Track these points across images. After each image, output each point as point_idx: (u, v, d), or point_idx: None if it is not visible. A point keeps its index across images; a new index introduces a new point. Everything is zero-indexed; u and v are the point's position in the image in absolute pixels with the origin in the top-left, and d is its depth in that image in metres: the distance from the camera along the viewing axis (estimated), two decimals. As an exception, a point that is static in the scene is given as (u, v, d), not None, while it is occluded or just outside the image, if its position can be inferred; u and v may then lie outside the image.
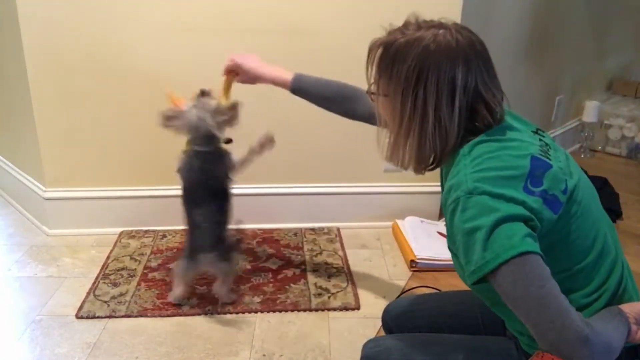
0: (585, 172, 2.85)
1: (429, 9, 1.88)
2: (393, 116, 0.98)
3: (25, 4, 1.82)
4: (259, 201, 2.13)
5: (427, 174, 1.04)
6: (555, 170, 0.90)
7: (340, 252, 2.01)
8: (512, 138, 0.95)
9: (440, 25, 0.97)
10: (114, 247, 2.01)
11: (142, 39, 1.89)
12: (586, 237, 0.93)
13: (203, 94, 1.59)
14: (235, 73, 1.58)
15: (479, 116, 0.95)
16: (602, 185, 2.45)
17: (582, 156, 3.10)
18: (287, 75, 1.51)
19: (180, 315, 1.66)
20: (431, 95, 0.92)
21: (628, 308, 0.90)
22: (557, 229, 0.90)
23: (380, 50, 0.98)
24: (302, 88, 1.50)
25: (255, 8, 1.89)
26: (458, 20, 1.92)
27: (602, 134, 3.14)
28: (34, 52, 1.88)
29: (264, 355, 1.51)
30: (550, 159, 0.92)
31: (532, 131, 1.02)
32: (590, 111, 2.99)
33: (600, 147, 3.16)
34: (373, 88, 1.01)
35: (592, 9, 2.89)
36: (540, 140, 0.98)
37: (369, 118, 1.38)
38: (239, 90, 1.99)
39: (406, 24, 0.98)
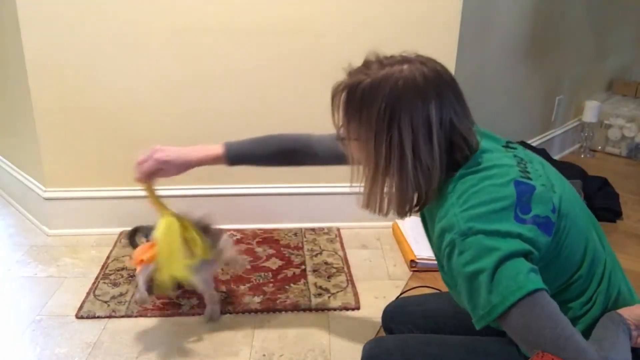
0: (585, 172, 2.82)
1: (429, 9, 1.90)
2: (367, 160, 0.94)
3: (25, 4, 1.82)
4: (259, 201, 2.13)
5: None
6: (540, 190, 0.89)
7: (340, 252, 2.01)
8: (490, 165, 0.92)
9: (403, 60, 0.93)
10: (114, 247, 2.01)
11: (143, 39, 1.89)
12: (578, 248, 0.93)
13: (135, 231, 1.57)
14: (152, 174, 1.36)
15: (457, 148, 0.92)
16: (602, 185, 2.45)
17: (582, 156, 3.10)
18: (216, 149, 1.31)
19: (180, 315, 1.66)
20: (407, 136, 0.88)
21: (627, 313, 0.89)
22: (551, 248, 0.89)
23: (344, 95, 0.93)
24: (239, 156, 1.32)
25: (256, 8, 1.89)
26: (458, 20, 1.93)
27: (602, 134, 3.14)
28: (34, 52, 1.88)
29: (264, 355, 1.51)
30: (531, 179, 0.91)
31: (502, 146, 1.00)
32: (590, 111, 2.99)
33: (600, 147, 3.16)
34: (342, 133, 0.97)
35: (592, 9, 2.89)
36: (515, 156, 0.96)
37: (333, 160, 1.28)
38: (228, 97, 1.98)
39: (367, 63, 0.94)
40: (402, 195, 0.94)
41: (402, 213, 0.97)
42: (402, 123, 0.88)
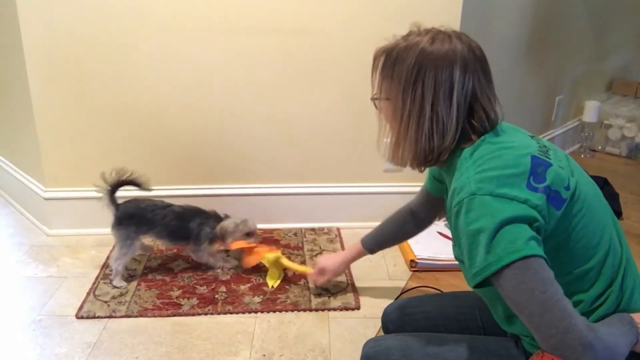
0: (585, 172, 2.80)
1: (429, 9, 1.90)
2: (394, 116, 1.01)
3: (25, 4, 1.82)
4: (259, 201, 2.13)
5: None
6: (556, 168, 0.92)
7: (340, 252, 2.01)
8: (509, 140, 0.97)
9: (439, 31, 1.00)
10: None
11: (143, 38, 1.89)
12: (592, 236, 0.93)
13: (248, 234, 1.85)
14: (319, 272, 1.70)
15: (476, 116, 0.98)
16: (602, 185, 2.45)
17: (582, 156, 3.10)
18: (358, 247, 1.61)
19: (180, 315, 1.66)
20: (429, 90, 0.95)
21: (638, 318, 0.89)
22: (562, 228, 0.90)
23: (383, 57, 1.02)
24: (374, 245, 1.60)
25: (256, 8, 1.89)
26: (458, 20, 1.93)
27: (602, 134, 3.14)
28: (34, 52, 1.88)
29: (264, 355, 1.51)
30: (550, 159, 0.94)
31: (529, 136, 1.03)
32: (590, 111, 2.99)
33: (600, 147, 3.16)
34: (376, 93, 1.05)
35: (592, 9, 2.89)
36: (538, 143, 0.99)
37: (424, 225, 1.53)
38: (236, 98, 1.98)
39: (409, 33, 1.03)
40: (417, 148, 1.00)
41: (416, 166, 1.04)
42: (426, 79, 0.96)
